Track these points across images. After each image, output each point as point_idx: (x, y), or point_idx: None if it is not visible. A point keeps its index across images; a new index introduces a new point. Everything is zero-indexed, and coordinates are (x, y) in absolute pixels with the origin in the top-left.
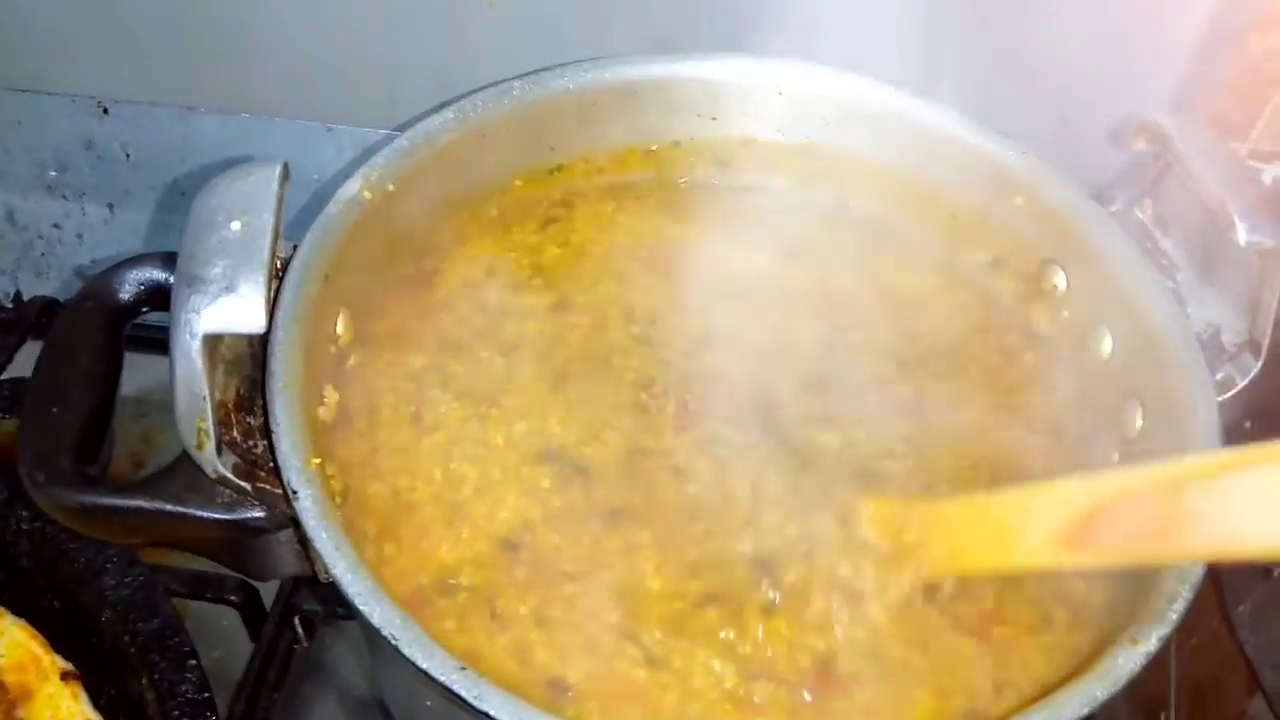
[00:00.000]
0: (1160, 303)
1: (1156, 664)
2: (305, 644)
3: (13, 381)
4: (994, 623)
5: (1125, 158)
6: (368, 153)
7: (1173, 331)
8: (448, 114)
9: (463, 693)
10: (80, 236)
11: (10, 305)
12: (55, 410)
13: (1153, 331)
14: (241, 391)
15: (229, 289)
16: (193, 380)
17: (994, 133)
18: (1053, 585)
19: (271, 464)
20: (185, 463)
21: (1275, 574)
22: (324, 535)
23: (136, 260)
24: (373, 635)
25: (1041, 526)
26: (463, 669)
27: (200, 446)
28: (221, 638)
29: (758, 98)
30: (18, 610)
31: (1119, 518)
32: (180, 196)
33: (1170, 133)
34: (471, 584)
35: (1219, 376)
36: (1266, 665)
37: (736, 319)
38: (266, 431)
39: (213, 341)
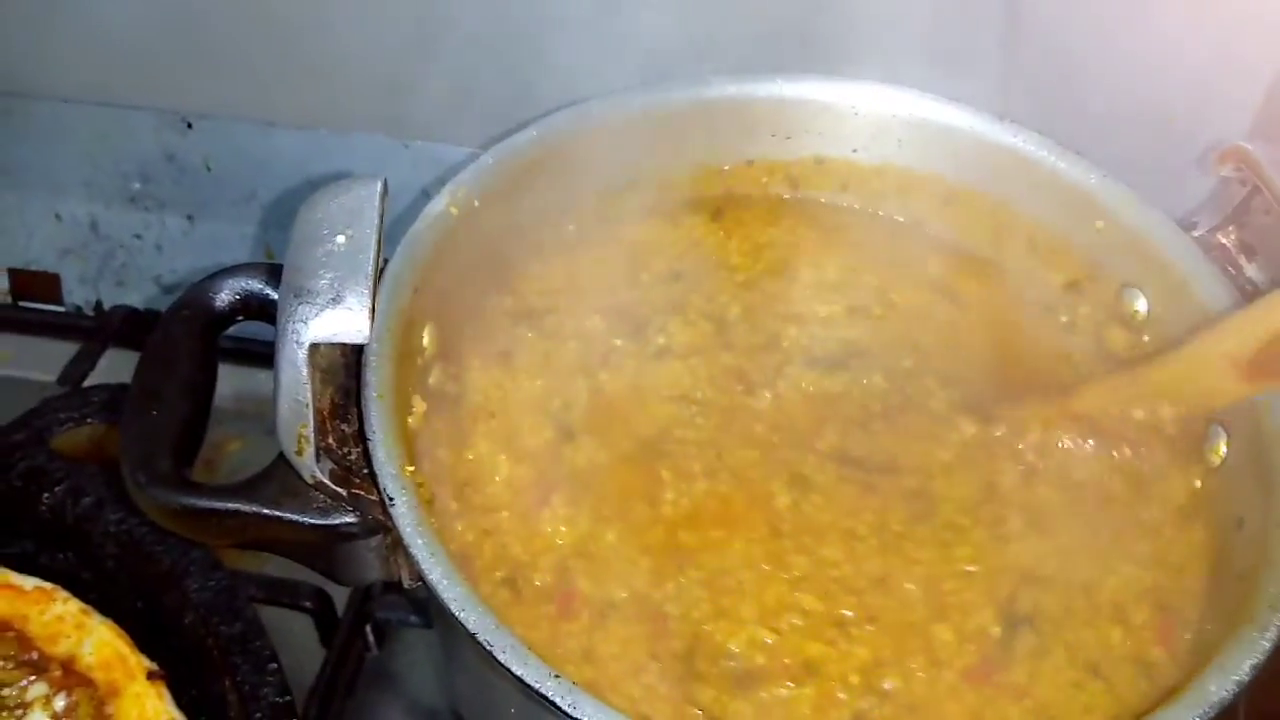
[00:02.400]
0: None
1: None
2: (376, 651)
3: (99, 388)
4: None
5: (1208, 184)
6: (451, 170)
7: None
8: (530, 132)
9: (557, 700)
10: (160, 247)
11: (92, 314)
12: (155, 414)
13: None
14: (336, 400)
15: (335, 300)
16: (296, 388)
17: (1075, 155)
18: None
19: (366, 470)
20: (281, 468)
21: None
22: (420, 541)
23: (233, 270)
24: (456, 640)
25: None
26: (557, 676)
27: (300, 452)
28: (293, 644)
29: (833, 117)
30: (105, 611)
31: None
32: (259, 210)
33: (1259, 158)
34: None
35: None
36: None
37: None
38: (361, 439)
39: (313, 350)
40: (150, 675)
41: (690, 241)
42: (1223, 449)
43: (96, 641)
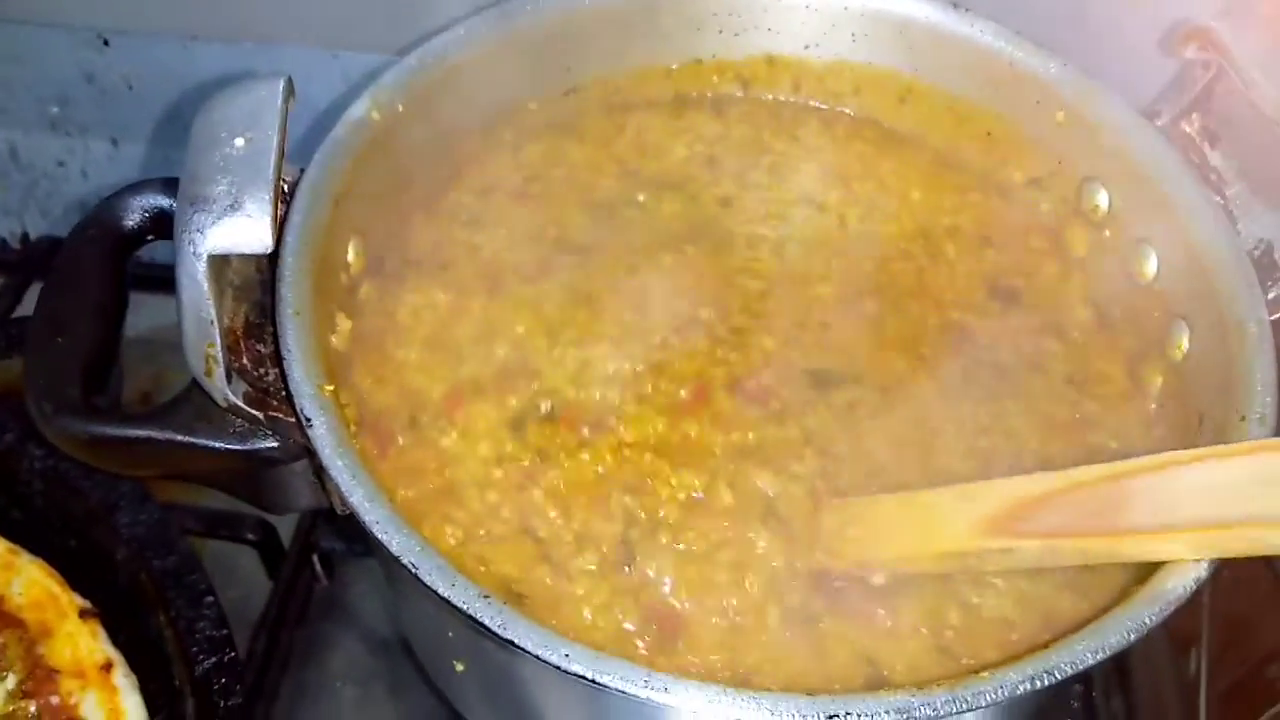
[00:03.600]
0: (1209, 219)
1: (1189, 599)
2: (325, 582)
3: (21, 321)
4: None
5: (1171, 69)
6: (374, 74)
7: (1222, 249)
8: (458, 31)
9: (487, 621)
10: (85, 173)
11: (18, 246)
12: (60, 340)
13: (1201, 250)
14: (251, 318)
15: (234, 207)
16: (199, 304)
17: (1033, 45)
18: None
19: (284, 392)
20: (196, 393)
21: None
22: (339, 463)
23: (138, 186)
24: (392, 566)
25: (967, 515)
26: (485, 597)
27: (209, 373)
28: (240, 578)
29: (784, 11)
30: (34, 549)
31: (1051, 507)
32: (184, 129)
33: (1224, 38)
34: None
35: (1271, 295)
36: None
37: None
38: (278, 359)
39: (219, 263)
40: (83, 613)
41: (635, 145)
42: (1185, 343)
43: (25, 581)
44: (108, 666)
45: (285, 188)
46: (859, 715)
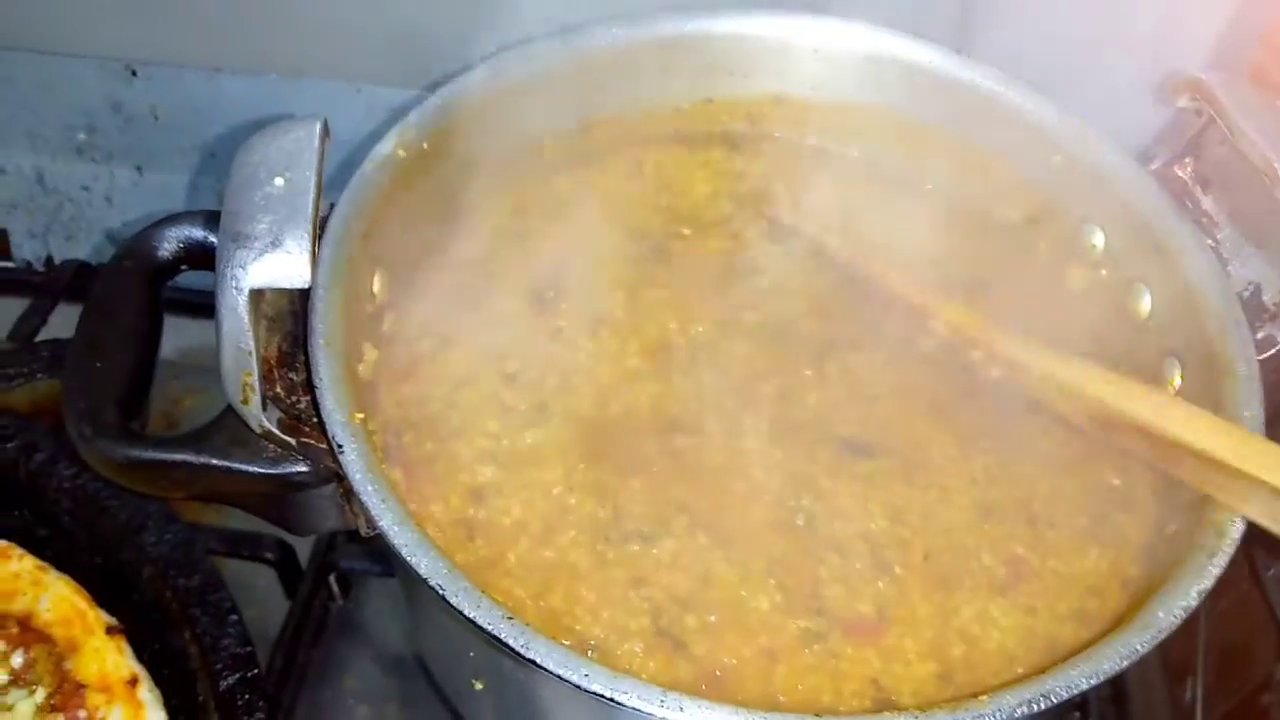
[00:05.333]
0: (1200, 261)
1: (1185, 628)
2: (341, 602)
3: (49, 343)
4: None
5: (1165, 116)
6: (400, 112)
7: (1213, 290)
8: (480, 71)
9: (510, 641)
10: (109, 199)
11: (43, 269)
12: (99, 366)
13: (1193, 290)
14: (284, 348)
15: (275, 244)
16: (238, 335)
17: (1032, 90)
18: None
19: (315, 419)
20: (230, 418)
21: None
22: (370, 488)
23: (175, 219)
24: (416, 587)
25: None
26: (510, 618)
27: (246, 401)
28: (257, 597)
29: (792, 55)
30: (61, 567)
31: None
32: (209, 158)
33: (1214, 89)
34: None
35: (1260, 335)
36: None
37: (764, 263)
38: (309, 387)
39: (256, 297)
40: (109, 630)
41: (652, 182)
42: (1177, 380)
43: (54, 597)
44: (133, 681)
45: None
46: None
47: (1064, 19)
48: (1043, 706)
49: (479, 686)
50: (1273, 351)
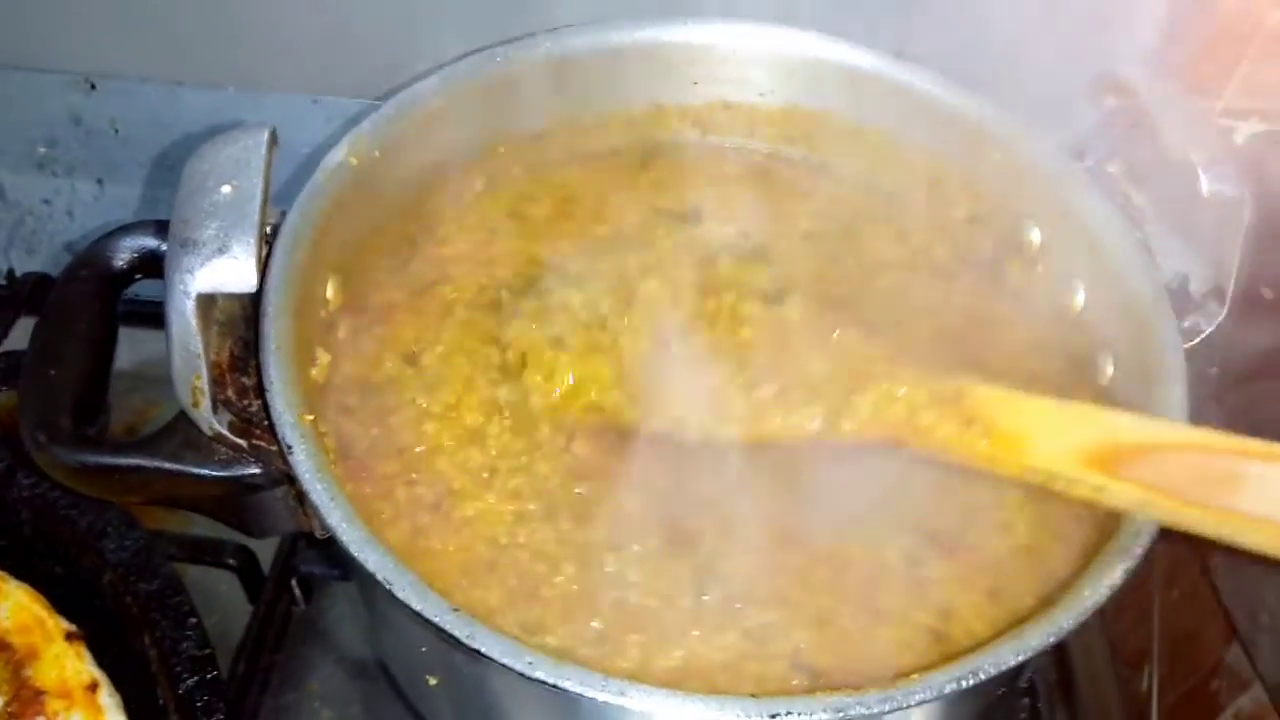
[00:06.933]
0: (1131, 255)
1: (1139, 619)
2: (303, 606)
3: (7, 354)
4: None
5: (1097, 115)
6: (353, 121)
7: (1142, 282)
8: (433, 80)
9: (456, 632)
10: (70, 213)
11: (4, 282)
12: (53, 374)
13: (1124, 283)
14: (235, 352)
15: (221, 250)
16: (187, 338)
17: (970, 91)
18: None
19: (266, 421)
20: (182, 422)
21: None
22: (319, 486)
23: (128, 228)
24: (369, 585)
25: (1070, 437)
26: (455, 610)
27: (196, 404)
28: (220, 602)
29: (742, 61)
30: (20, 575)
31: (1160, 460)
32: (169, 171)
33: (1138, 88)
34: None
35: (1186, 324)
36: (1242, 612)
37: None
38: (260, 391)
39: (206, 302)
40: (69, 636)
41: (604, 187)
42: (1110, 370)
43: (13, 605)
44: (93, 687)
45: (268, 230)
46: (799, 714)
47: (1000, 21)
48: (972, 683)
49: (433, 682)
50: (1198, 340)
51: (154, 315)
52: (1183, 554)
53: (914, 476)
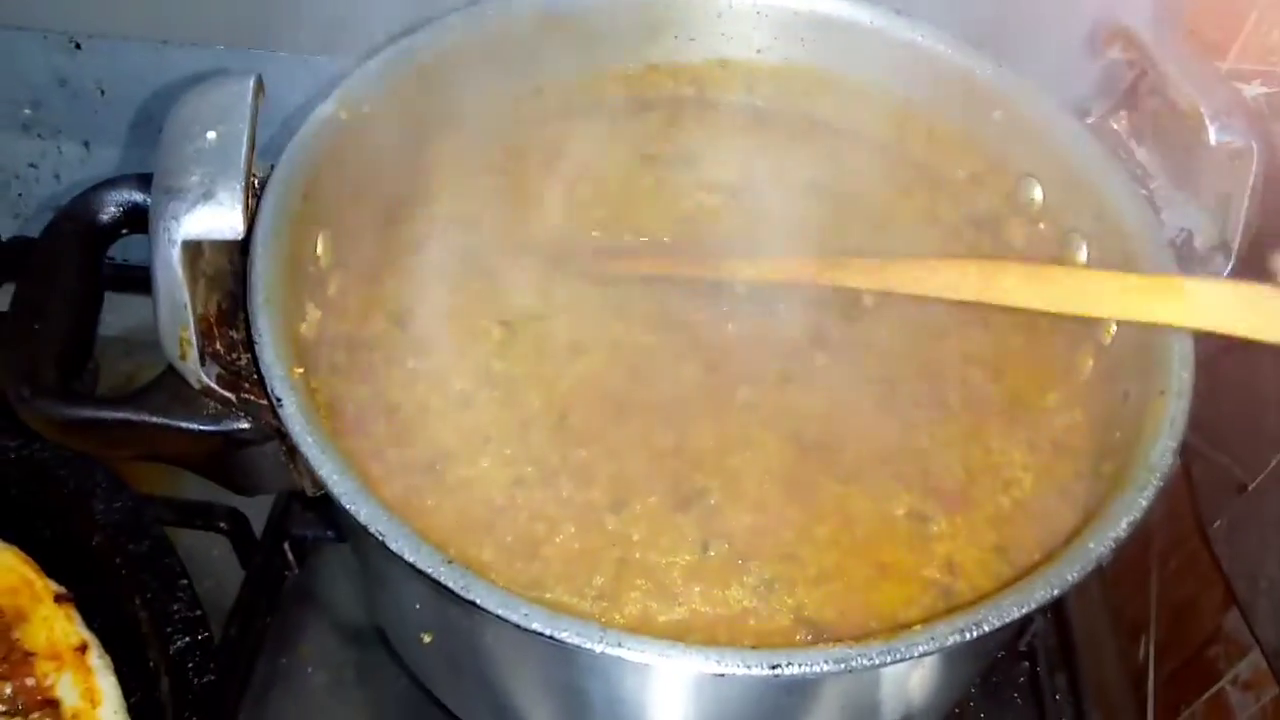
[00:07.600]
0: (1134, 211)
1: (1138, 587)
2: (296, 570)
3: None
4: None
5: (1100, 68)
6: (342, 76)
7: (1147, 238)
8: (423, 35)
9: (450, 584)
10: (57, 175)
11: None
12: (37, 329)
13: (1127, 239)
14: (223, 305)
15: (207, 196)
16: (174, 289)
17: (970, 47)
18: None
19: (255, 375)
20: (171, 377)
21: (1249, 489)
22: (309, 439)
23: (113, 182)
24: (362, 542)
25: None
26: (449, 561)
27: (183, 356)
28: (213, 567)
29: (737, 17)
30: (8, 538)
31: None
32: (156, 132)
33: (1144, 39)
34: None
35: None
36: (1241, 578)
37: (713, 228)
38: (249, 344)
39: (192, 252)
40: (58, 598)
41: (599, 143)
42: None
43: (0, 568)
44: (83, 648)
45: (256, 182)
46: (800, 665)
47: None
48: (975, 634)
49: (427, 640)
50: None
51: (143, 280)
52: (1182, 524)
53: (919, 429)
